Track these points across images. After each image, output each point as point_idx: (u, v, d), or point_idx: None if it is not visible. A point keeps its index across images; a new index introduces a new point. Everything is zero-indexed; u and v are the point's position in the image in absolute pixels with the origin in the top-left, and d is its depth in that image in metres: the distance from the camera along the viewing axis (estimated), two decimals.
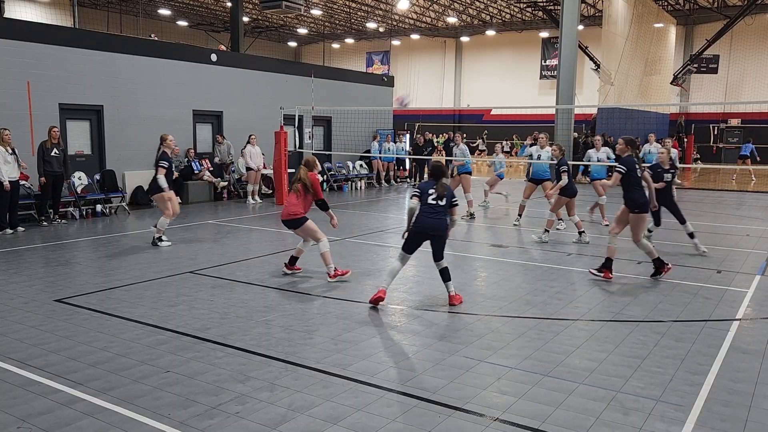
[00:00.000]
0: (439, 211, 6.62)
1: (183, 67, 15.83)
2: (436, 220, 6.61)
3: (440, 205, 6.62)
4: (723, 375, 4.88)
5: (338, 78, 21.05)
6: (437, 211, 6.61)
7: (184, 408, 4.22)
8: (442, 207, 6.62)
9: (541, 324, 6.13)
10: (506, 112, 36.96)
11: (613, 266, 7.95)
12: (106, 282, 7.61)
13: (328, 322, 6.13)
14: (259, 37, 41.07)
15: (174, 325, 5.98)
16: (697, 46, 33.04)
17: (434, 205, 6.61)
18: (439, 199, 6.62)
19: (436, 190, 6.65)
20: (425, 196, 6.64)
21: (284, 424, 4.00)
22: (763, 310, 6.73)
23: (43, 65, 12.98)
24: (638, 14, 26.63)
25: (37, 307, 6.50)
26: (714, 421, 4.13)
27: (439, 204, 6.61)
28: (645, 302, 6.94)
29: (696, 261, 9.13)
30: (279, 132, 15.62)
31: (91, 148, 14.22)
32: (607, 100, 24.38)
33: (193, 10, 37.04)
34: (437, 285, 7.70)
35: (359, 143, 20.88)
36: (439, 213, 6.62)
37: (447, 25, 41.06)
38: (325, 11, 37.06)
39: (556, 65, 26.31)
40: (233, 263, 8.77)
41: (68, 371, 4.82)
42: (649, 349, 5.44)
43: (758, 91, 31.44)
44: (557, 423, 4.05)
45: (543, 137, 12.57)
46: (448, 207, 6.68)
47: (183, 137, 15.83)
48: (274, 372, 4.84)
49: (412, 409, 4.23)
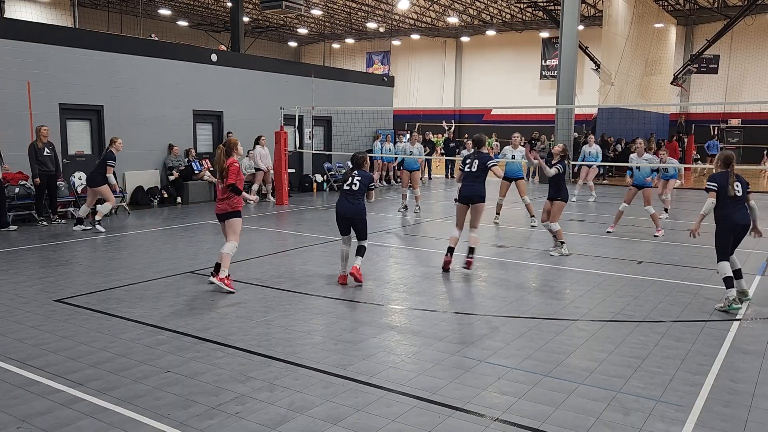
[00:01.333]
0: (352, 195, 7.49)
1: (183, 67, 15.83)
2: (351, 205, 7.46)
3: (354, 191, 7.48)
4: (723, 375, 4.88)
5: (338, 78, 21.04)
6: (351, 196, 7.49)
7: (184, 408, 4.22)
8: (356, 192, 7.48)
9: (541, 324, 6.13)
10: (506, 112, 36.96)
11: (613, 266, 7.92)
12: (106, 282, 7.61)
13: (328, 322, 6.13)
14: (259, 38, 41.07)
15: (174, 325, 5.98)
16: (697, 46, 33.03)
17: (348, 191, 7.52)
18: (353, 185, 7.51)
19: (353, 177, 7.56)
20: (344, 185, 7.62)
21: (284, 425, 4.00)
22: (763, 311, 6.73)
23: (44, 65, 12.98)
24: (638, 14, 26.62)
25: (37, 307, 6.50)
26: (714, 421, 4.12)
27: (352, 189, 7.49)
28: (645, 302, 6.93)
29: (696, 261, 9.13)
30: (279, 132, 15.62)
31: (91, 148, 14.21)
32: (607, 101, 24.37)
33: (194, 10, 37.03)
34: (437, 285, 7.71)
35: (359, 143, 20.87)
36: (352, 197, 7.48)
37: (447, 25, 41.06)
38: (325, 11, 37.05)
39: (556, 65, 26.31)
40: (233, 263, 8.75)
41: (68, 371, 4.82)
42: (649, 349, 5.44)
43: (758, 92, 31.44)
44: (557, 423, 4.05)
45: (516, 137, 12.91)
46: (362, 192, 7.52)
47: (183, 137, 15.83)
48: (274, 372, 4.84)
49: (412, 409, 4.23)
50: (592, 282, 7.87)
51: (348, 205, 7.46)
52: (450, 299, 7.02)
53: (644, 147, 11.79)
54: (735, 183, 6.67)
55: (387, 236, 11.20)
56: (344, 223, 7.53)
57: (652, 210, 11.36)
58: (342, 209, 7.49)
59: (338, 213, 7.53)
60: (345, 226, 7.56)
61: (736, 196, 6.68)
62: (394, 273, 8.45)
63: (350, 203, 7.46)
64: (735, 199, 6.70)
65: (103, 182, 11.09)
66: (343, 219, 7.50)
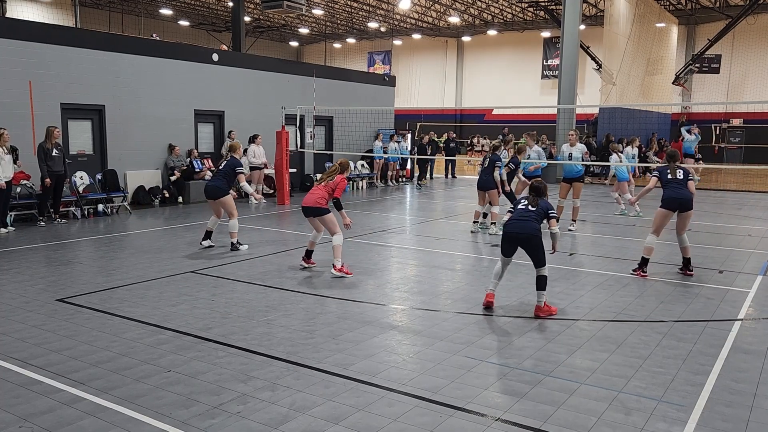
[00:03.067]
0: (529, 214, 6.63)
1: (185, 67, 15.84)
2: (524, 223, 6.61)
3: (530, 210, 6.66)
4: (725, 375, 4.87)
5: (340, 78, 21.03)
6: (525, 214, 6.64)
7: (185, 407, 4.22)
8: (532, 211, 6.67)
9: (542, 324, 6.12)
10: (508, 112, 36.94)
11: (615, 266, 7.93)
12: (107, 282, 7.62)
13: (329, 322, 6.13)
14: (260, 37, 41.09)
15: (175, 324, 5.98)
16: (699, 45, 32.99)
17: (524, 210, 6.71)
18: (530, 206, 6.69)
19: (529, 201, 6.77)
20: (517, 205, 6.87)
21: (285, 424, 4.00)
22: (765, 311, 6.72)
23: (45, 65, 12.99)
24: (640, 14, 26.58)
25: (38, 307, 6.51)
26: (716, 421, 4.12)
27: (529, 209, 6.67)
28: (646, 302, 6.93)
29: (697, 261, 9.12)
30: (281, 132, 15.63)
31: (92, 148, 14.22)
32: (608, 100, 24.35)
33: (195, 10, 37.07)
34: (438, 285, 7.71)
35: (361, 143, 20.88)
36: (528, 216, 6.62)
37: (448, 24, 41.06)
38: (326, 11, 37.06)
39: (557, 65, 26.28)
40: (235, 263, 8.77)
41: (70, 371, 4.82)
42: (650, 349, 5.44)
43: (760, 91, 31.39)
44: (558, 423, 4.05)
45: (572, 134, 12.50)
46: (541, 214, 6.69)
47: (185, 137, 15.84)
48: (276, 372, 4.85)
49: (413, 409, 4.23)
50: (593, 282, 7.87)
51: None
52: (451, 299, 7.02)
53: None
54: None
55: (389, 236, 11.20)
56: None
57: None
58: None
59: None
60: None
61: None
62: (396, 272, 8.45)
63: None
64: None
65: (227, 192, 9.66)
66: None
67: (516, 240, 6.55)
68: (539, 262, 6.51)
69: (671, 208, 8.01)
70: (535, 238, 6.48)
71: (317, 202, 8.02)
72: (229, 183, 9.65)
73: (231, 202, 9.67)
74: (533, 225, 6.52)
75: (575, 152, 11.91)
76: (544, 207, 6.61)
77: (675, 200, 7.95)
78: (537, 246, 6.49)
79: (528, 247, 6.54)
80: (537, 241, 6.49)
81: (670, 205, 8.00)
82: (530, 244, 6.51)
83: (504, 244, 6.64)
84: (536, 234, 6.49)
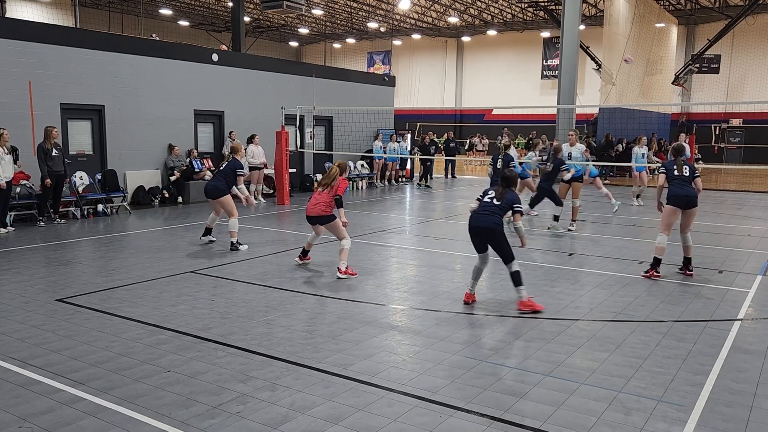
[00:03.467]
0: (491, 208, 6.56)
1: (184, 67, 15.83)
2: (485, 217, 6.52)
3: (493, 204, 6.56)
4: (725, 375, 4.87)
5: (339, 78, 21.03)
6: (488, 209, 6.58)
7: (185, 407, 4.22)
8: (495, 205, 6.58)
9: (542, 324, 6.12)
10: (507, 112, 36.94)
11: (614, 266, 7.93)
12: (107, 282, 7.62)
13: (329, 322, 6.13)
14: (260, 37, 41.09)
15: (175, 324, 5.98)
16: (698, 45, 33.00)
17: (488, 204, 6.62)
18: (494, 199, 6.59)
19: (495, 192, 6.67)
20: (484, 196, 6.69)
21: (285, 424, 4.00)
22: (764, 311, 6.72)
23: (45, 65, 12.99)
24: (640, 14, 26.59)
25: (38, 307, 6.51)
26: (716, 421, 4.12)
27: (493, 203, 6.58)
28: (646, 302, 6.93)
29: (697, 261, 9.12)
30: (280, 132, 15.62)
31: (92, 148, 14.22)
32: (608, 100, 24.36)
33: (195, 10, 37.06)
34: (438, 285, 7.71)
35: (360, 143, 20.88)
36: (490, 210, 6.55)
37: (448, 25, 41.06)
38: (326, 11, 37.06)
39: (557, 65, 26.28)
40: (235, 263, 8.77)
41: (69, 371, 4.82)
42: (650, 349, 5.44)
43: (760, 91, 31.39)
44: (558, 423, 4.05)
45: (572, 134, 12.62)
46: (504, 207, 6.59)
47: (184, 137, 15.84)
48: (276, 372, 4.84)
49: (413, 409, 4.23)
50: (593, 282, 7.87)
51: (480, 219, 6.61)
52: (451, 299, 7.02)
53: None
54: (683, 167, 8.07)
55: (389, 236, 11.20)
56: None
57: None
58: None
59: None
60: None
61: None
62: (396, 272, 8.45)
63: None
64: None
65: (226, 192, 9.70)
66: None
67: (478, 233, 6.52)
68: (506, 258, 6.44)
69: (678, 205, 7.96)
70: (495, 232, 6.40)
71: (323, 211, 8.04)
72: (228, 184, 9.64)
73: (230, 202, 9.67)
74: (493, 219, 6.43)
75: (575, 152, 11.91)
76: (509, 200, 6.52)
77: (682, 197, 7.91)
78: (499, 241, 6.42)
79: (491, 242, 6.47)
80: (498, 236, 6.41)
81: (677, 202, 7.94)
82: (492, 239, 6.44)
83: (472, 240, 6.63)
84: (495, 228, 6.40)
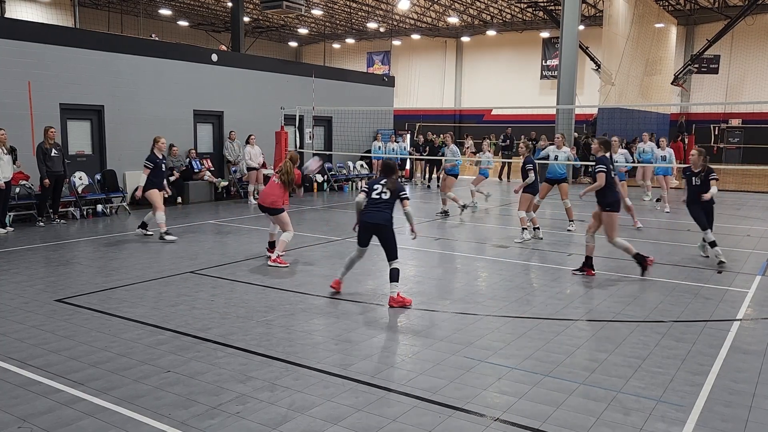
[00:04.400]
0: (381, 204, 6.70)
1: (184, 67, 15.84)
2: (377, 213, 6.68)
3: (383, 200, 6.70)
4: (724, 375, 4.88)
5: (339, 78, 21.04)
6: (379, 205, 6.70)
7: (184, 408, 4.22)
8: (385, 201, 6.71)
9: (541, 324, 6.13)
10: (507, 112, 36.93)
11: (613, 266, 7.93)
12: (106, 282, 7.62)
13: (328, 322, 6.13)
14: (259, 38, 41.07)
15: (175, 325, 5.98)
16: (697, 46, 33.00)
17: (377, 200, 6.72)
18: (383, 193, 6.71)
19: (384, 185, 6.75)
20: (371, 192, 6.79)
21: (285, 424, 4.00)
22: (763, 311, 6.73)
23: (44, 65, 12.99)
24: (639, 14, 26.59)
25: (37, 307, 6.50)
26: (715, 421, 4.12)
27: (382, 198, 6.70)
28: (645, 302, 6.93)
29: (697, 262, 9.13)
30: (280, 132, 15.63)
31: (91, 148, 14.22)
32: (607, 101, 24.35)
33: (194, 10, 37.04)
34: (437, 285, 7.71)
35: (360, 143, 20.89)
36: (381, 207, 6.70)
37: (447, 25, 41.05)
38: (325, 11, 37.04)
39: (556, 65, 26.29)
40: (234, 263, 8.77)
41: (69, 371, 4.82)
42: (649, 349, 5.44)
43: (759, 92, 31.39)
44: (557, 423, 4.05)
45: (559, 137, 12.55)
46: (393, 201, 6.75)
47: (184, 137, 15.84)
48: (275, 372, 4.85)
49: (412, 409, 4.23)
50: (592, 282, 7.87)
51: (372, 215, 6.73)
52: (450, 299, 7.02)
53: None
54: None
55: None
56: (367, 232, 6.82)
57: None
58: (367, 218, 6.76)
59: (363, 221, 6.81)
60: (367, 235, 6.84)
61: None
62: None
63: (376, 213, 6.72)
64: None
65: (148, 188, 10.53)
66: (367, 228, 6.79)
67: (369, 229, 6.72)
68: (392, 254, 6.65)
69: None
70: (386, 228, 6.61)
71: (273, 202, 8.61)
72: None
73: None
74: (384, 215, 6.65)
75: (561, 155, 12.10)
76: (397, 190, 6.71)
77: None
78: (388, 237, 6.63)
79: (380, 237, 6.66)
80: (388, 232, 6.63)
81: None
82: (382, 234, 6.64)
83: (359, 234, 6.81)
84: (387, 224, 6.62)
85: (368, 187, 6.84)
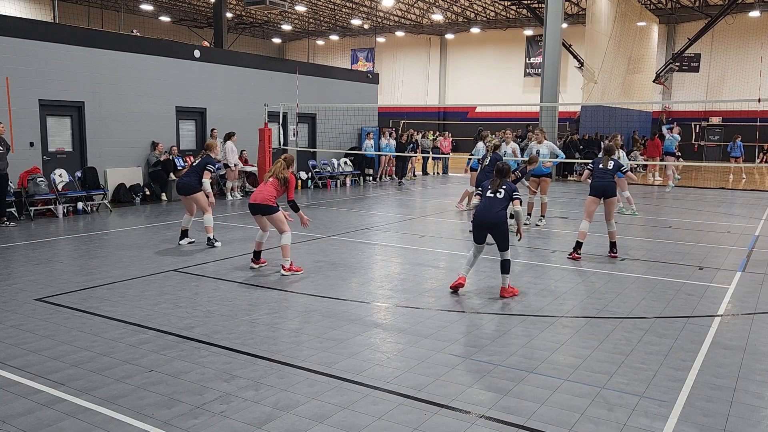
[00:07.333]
0: (496, 204, 7.02)
1: (166, 63, 15.68)
2: (493, 213, 6.98)
3: (497, 199, 7.03)
4: (705, 371, 4.93)
5: (323, 75, 20.96)
6: (494, 204, 7.02)
7: (167, 407, 4.17)
8: (499, 200, 7.03)
9: (525, 321, 6.15)
10: (491, 109, 37.08)
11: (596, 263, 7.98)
12: (87, 280, 7.52)
13: (313, 320, 6.11)
14: (242, 34, 40.80)
15: (157, 323, 5.92)
16: (679, 44, 33.38)
17: (492, 199, 7.06)
18: (498, 193, 7.07)
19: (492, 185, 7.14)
20: (485, 192, 7.18)
21: (269, 423, 3.97)
22: (744, 306, 6.81)
23: (23, 60, 12.78)
24: (621, 13, 26.81)
25: (17, 306, 6.40)
26: (696, 416, 4.17)
27: (497, 197, 7.04)
28: (628, 299, 6.99)
29: (679, 258, 9.22)
30: (263, 129, 15.54)
31: (72, 145, 14.03)
32: (590, 98, 24.54)
33: (176, 6, 36.71)
34: (422, 282, 7.71)
35: (344, 140, 20.84)
36: (496, 206, 7.01)
37: (432, 22, 41.10)
38: (309, 8, 36.90)
39: (540, 63, 26.43)
40: (217, 261, 8.71)
41: (49, 371, 4.75)
42: (632, 345, 5.49)
43: (739, 90, 31.83)
44: (542, 419, 4.07)
45: (539, 132, 12.49)
46: (507, 200, 7.06)
47: (166, 134, 15.69)
48: (259, 371, 4.81)
49: (397, 407, 4.23)
50: (575, 279, 7.92)
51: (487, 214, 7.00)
52: (435, 296, 7.03)
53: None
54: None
55: (372, 233, 11.18)
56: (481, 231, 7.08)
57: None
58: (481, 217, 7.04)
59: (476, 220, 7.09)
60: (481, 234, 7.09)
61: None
62: (380, 270, 8.44)
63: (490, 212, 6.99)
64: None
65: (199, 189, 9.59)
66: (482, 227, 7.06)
67: (485, 227, 7.03)
68: (504, 246, 7.03)
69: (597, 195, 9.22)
70: (501, 224, 6.97)
71: (266, 199, 8.00)
72: (200, 180, 9.54)
73: (203, 199, 9.58)
74: (500, 213, 7.00)
75: (543, 150, 12.05)
76: (509, 190, 7.07)
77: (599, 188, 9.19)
78: (503, 232, 6.99)
79: (495, 234, 7.00)
80: (503, 228, 6.98)
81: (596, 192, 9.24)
82: (496, 231, 6.97)
83: (475, 232, 7.12)
84: (502, 221, 6.98)
85: (481, 189, 7.26)
